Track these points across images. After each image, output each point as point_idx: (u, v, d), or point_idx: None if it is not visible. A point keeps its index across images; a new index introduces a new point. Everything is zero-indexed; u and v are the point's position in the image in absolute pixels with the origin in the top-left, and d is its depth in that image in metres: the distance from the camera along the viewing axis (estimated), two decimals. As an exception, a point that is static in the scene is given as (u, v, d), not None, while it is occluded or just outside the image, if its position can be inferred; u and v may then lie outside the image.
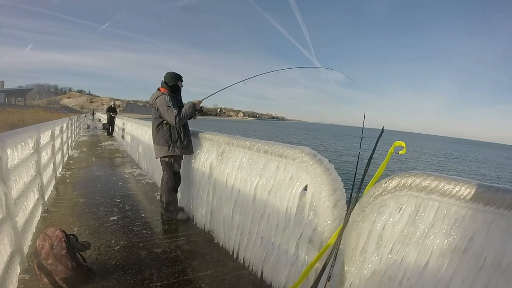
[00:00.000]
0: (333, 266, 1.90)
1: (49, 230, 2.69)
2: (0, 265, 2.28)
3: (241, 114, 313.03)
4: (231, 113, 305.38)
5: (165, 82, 4.12)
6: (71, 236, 2.76)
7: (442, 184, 1.45)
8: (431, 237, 1.52)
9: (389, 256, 1.69)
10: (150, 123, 7.46)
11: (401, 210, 1.65)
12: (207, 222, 3.95)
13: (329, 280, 1.89)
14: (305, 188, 2.37)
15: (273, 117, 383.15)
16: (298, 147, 2.45)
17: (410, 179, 1.57)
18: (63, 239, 2.62)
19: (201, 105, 4.21)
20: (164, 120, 4.03)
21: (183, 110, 4.01)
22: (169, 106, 3.90)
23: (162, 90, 4.08)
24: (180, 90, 4.25)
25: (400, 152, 1.87)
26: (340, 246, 1.95)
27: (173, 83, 4.12)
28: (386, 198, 1.70)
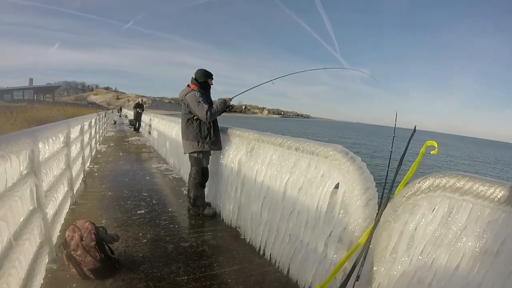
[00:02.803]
0: (362, 266, 1.85)
1: (78, 222, 2.72)
2: (30, 255, 2.31)
3: (265, 112, 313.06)
4: (256, 110, 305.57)
5: (195, 78, 4.12)
6: (100, 228, 2.78)
7: (477, 185, 1.40)
8: (463, 240, 1.47)
9: (420, 257, 1.63)
10: (177, 119, 7.52)
11: (434, 211, 1.59)
12: (234, 218, 3.94)
13: (357, 280, 1.86)
14: (336, 186, 2.33)
15: (298, 115, 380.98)
16: (330, 144, 2.40)
17: (444, 179, 1.51)
18: (93, 231, 2.65)
19: (231, 102, 4.20)
20: (193, 116, 4.04)
21: (214, 105, 4.01)
22: (199, 102, 3.90)
23: (192, 86, 4.08)
24: (210, 87, 4.25)
25: (431, 152, 1.81)
26: (370, 246, 1.89)
27: (203, 80, 4.12)
28: (419, 198, 1.64)
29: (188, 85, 4.15)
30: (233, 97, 4.24)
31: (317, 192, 2.45)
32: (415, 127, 2.10)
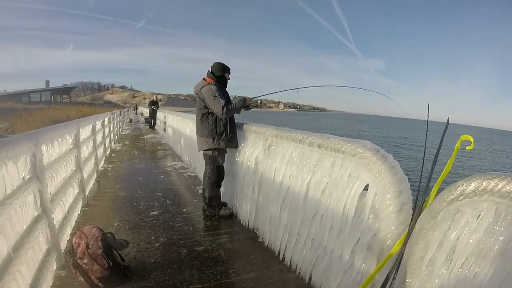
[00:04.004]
0: (394, 278, 1.63)
1: (85, 228, 2.58)
2: (35, 264, 2.21)
3: (281, 106, 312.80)
4: (271, 105, 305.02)
5: (211, 72, 3.90)
6: (108, 235, 2.63)
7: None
8: (511, 252, 1.26)
9: (460, 270, 1.40)
10: (191, 116, 7.36)
11: (479, 218, 1.35)
12: (251, 220, 3.74)
13: (389, 293, 1.64)
14: (365, 188, 2.08)
15: (314, 108, 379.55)
16: (358, 141, 2.14)
17: (492, 181, 1.26)
18: (99, 238, 2.50)
19: (251, 102, 4.00)
20: (209, 111, 3.83)
21: (233, 102, 3.81)
22: (215, 96, 3.68)
23: (208, 80, 3.86)
24: (227, 82, 4.03)
25: (467, 148, 1.60)
26: (403, 256, 1.67)
27: (220, 74, 3.90)
28: (462, 203, 1.39)
29: (204, 79, 3.93)
30: (253, 98, 4.03)
31: (344, 194, 2.20)
32: (448, 120, 1.90)
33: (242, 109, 3.99)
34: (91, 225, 2.63)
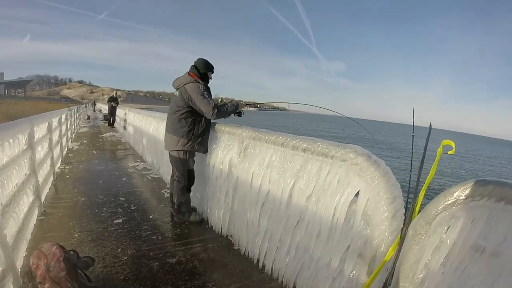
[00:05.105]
0: (389, 284, 1.66)
1: (44, 247, 2.26)
2: None
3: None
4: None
5: (195, 67, 3.64)
6: (71, 252, 2.33)
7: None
8: (503, 253, 1.31)
9: (455, 273, 1.45)
10: (154, 114, 7.04)
11: (473, 223, 1.39)
12: (224, 226, 3.55)
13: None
14: (356, 194, 2.01)
15: (274, 108, 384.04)
16: (347, 145, 2.06)
17: (488, 187, 1.33)
18: (61, 258, 2.19)
19: (242, 109, 3.82)
20: (190, 109, 3.55)
21: (226, 105, 3.60)
22: (204, 96, 3.43)
23: (194, 76, 3.58)
24: (209, 81, 3.77)
25: (449, 153, 1.62)
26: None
27: (204, 71, 3.65)
28: (458, 209, 1.43)
29: (188, 73, 3.63)
30: (248, 103, 3.89)
31: (333, 201, 2.10)
32: (430, 125, 1.87)
33: (234, 115, 3.77)
34: (50, 242, 2.33)
